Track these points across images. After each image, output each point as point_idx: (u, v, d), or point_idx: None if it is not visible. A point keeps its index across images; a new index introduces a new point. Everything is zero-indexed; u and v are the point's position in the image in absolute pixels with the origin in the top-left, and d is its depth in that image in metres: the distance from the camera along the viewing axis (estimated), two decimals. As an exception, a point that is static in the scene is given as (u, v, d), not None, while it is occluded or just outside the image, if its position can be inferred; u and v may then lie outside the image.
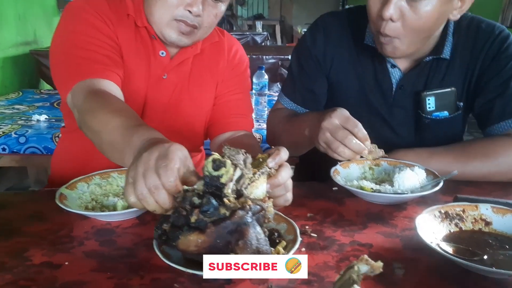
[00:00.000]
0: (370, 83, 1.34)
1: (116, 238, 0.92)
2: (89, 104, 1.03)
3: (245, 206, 0.75)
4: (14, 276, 0.78)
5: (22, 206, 1.05)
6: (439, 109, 1.29)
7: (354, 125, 1.06)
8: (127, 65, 1.22)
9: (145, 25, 1.22)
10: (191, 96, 1.32)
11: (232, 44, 1.41)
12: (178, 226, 0.74)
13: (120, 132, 0.90)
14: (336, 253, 0.86)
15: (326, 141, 1.08)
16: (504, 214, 0.92)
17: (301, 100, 1.42)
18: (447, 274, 0.80)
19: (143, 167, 0.74)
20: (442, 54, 1.25)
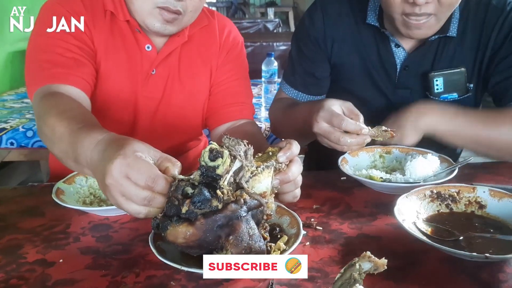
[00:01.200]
0: (374, 63, 1.28)
1: (113, 234, 0.89)
2: (39, 110, 1.00)
3: (239, 200, 0.70)
4: (6, 274, 0.76)
5: (19, 201, 1.03)
6: (448, 91, 1.22)
7: (339, 122, 0.98)
8: (107, 64, 1.16)
9: (128, 19, 1.16)
10: (183, 88, 1.26)
11: (224, 25, 1.33)
12: (169, 216, 0.70)
13: (67, 140, 0.85)
14: (342, 247, 0.82)
15: (329, 145, 1.03)
16: (501, 198, 0.88)
17: (302, 86, 1.36)
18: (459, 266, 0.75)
19: (120, 189, 0.68)
20: (449, 32, 1.19)
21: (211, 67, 1.29)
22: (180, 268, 0.69)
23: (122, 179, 0.67)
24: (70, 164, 0.87)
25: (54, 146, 0.91)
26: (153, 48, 1.20)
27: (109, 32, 1.17)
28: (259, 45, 3.43)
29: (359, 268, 0.53)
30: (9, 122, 2.18)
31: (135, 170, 0.67)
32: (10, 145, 2.09)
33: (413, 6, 1.05)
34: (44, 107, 0.98)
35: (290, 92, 1.38)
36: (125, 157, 0.68)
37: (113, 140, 0.75)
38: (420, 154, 1.07)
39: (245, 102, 1.31)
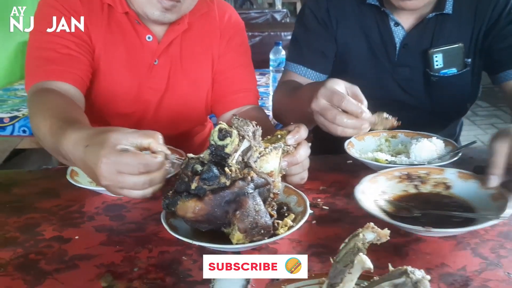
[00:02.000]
0: (376, 42, 1.30)
1: (126, 213, 0.92)
2: (29, 108, 1.04)
3: (247, 177, 0.73)
4: (25, 249, 0.79)
5: (34, 183, 1.06)
6: (447, 66, 1.25)
7: (339, 100, 0.92)
8: (107, 58, 1.18)
9: (126, 11, 1.16)
10: (186, 76, 1.27)
11: (224, 10, 1.33)
12: (180, 192, 0.73)
13: (50, 141, 0.87)
14: (348, 225, 0.84)
15: (322, 124, 0.97)
16: (467, 179, 0.91)
17: (310, 62, 1.35)
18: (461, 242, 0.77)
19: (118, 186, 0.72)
20: (445, 10, 1.22)
21: (213, 54, 1.30)
22: (191, 242, 0.72)
23: (115, 177, 0.70)
24: (61, 160, 0.92)
25: (43, 144, 0.94)
26: (154, 38, 1.21)
27: (108, 26, 1.18)
28: (267, 35, 3.43)
29: (362, 237, 0.55)
30: (21, 110, 2.22)
31: (123, 164, 0.70)
32: (22, 132, 2.14)
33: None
34: (32, 105, 1.03)
35: (297, 69, 1.35)
36: (108, 157, 0.69)
37: (88, 137, 0.75)
38: (425, 137, 1.09)
39: (249, 88, 1.32)
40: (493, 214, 0.79)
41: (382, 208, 0.85)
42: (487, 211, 0.82)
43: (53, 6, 1.13)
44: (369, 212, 0.80)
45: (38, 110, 0.97)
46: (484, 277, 0.69)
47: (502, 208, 0.79)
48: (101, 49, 1.18)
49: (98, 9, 1.17)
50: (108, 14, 1.18)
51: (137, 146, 0.73)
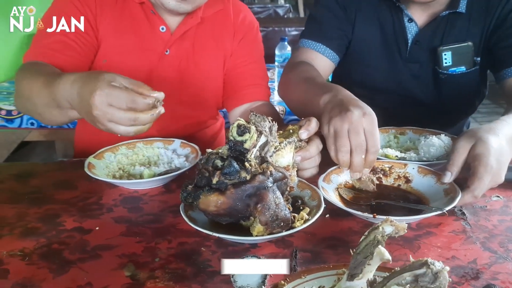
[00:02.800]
0: (390, 36, 1.32)
1: (143, 205, 0.94)
2: (16, 78, 1.11)
3: (266, 172, 0.75)
4: (48, 240, 0.81)
5: (51, 175, 1.08)
6: (456, 64, 1.27)
7: (374, 145, 0.89)
8: (117, 46, 1.22)
9: (143, 1, 1.21)
10: (197, 68, 1.30)
11: (239, 10, 1.36)
12: (200, 186, 0.76)
13: (45, 92, 0.96)
14: (360, 219, 0.86)
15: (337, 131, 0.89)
16: (426, 175, 0.96)
17: (327, 39, 1.32)
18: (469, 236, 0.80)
19: (106, 117, 0.81)
20: (458, 8, 1.24)
21: (225, 51, 1.33)
22: (211, 234, 0.75)
23: (106, 108, 0.80)
24: (54, 113, 1.00)
25: (34, 103, 1.03)
26: (167, 29, 1.25)
27: (120, 16, 1.22)
28: (271, 30, 3.45)
29: (382, 231, 0.58)
30: (30, 103, 2.23)
31: (115, 97, 0.80)
32: (30, 125, 2.16)
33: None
34: (20, 74, 1.10)
35: (314, 46, 1.33)
36: (102, 89, 0.80)
37: (85, 76, 0.87)
38: (433, 134, 1.11)
39: (260, 84, 1.35)
40: (441, 206, 0.83)
41: (342, 196, 0.93)
42: (437, 204, 0.87)
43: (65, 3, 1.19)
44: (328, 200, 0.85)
45: (27, 75, 1.06)
46: (494, 270, 0.71)
47: (450, 202, 0.84)
48: (111, 38, 1.22)
49: (111, 1, 1.21)
50: (123, 5, 1.22)
51: (130, 88, 0.83)
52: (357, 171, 0.91)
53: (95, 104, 0.80)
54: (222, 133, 1.59)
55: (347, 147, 0.88)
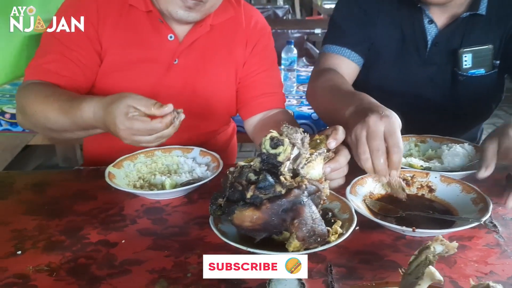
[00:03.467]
0: (409, 37, 1.31)
1: (167, 217, 0.92)
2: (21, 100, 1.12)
3: (301, 186, 0.74)
4: (73, 254, 0.79)
5: (68, 185, 1.06)
6: (476, 67, 1.26)
7: (395, 144, 0.86)
8: (123, 56, 1.19)
9: (150, 9, 1.17)
10: (207, 78, 1.26)
11: (251, 15, 1.32)
12: (233, 200, 0.74)
13: (64, 119, 1.02)
14: (390, 231, 0.85)
15: (357, 138, 0.89)
16: (449, 184, 0.95)
17: (351, 43, 1.31)
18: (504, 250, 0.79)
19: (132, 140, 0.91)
20: (479, 10, 1.22)
21: (237, 59, 1.29)
22: (246, 249, 0.73)
23: (132, 137, 0.90)
24: (78, 134, 1.07)
25: (50, 128, 1.08)
26: (175, 38, 1.21)
27: (125, 27, 1.18)
28: (274, 32, 3.42)
29: (433, 250, 0.56)
30: (33, 107, 2.20)
31: (135, 130, 0.89)
32: (35, 129, 2.12)
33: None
34: (25, 95, 1.10)
35: (341, 51, 1.32)
36: (123, 124, 0.88)
37: (103, 107, 0.93)
38: (455, 143, 1.11)
39: (275, 92, 1.33)
40: (472, 217, 0.83)
41: (369, 207, 0.91)
42: (467, 214, 0.86)
43: (67, 10, 1.17)
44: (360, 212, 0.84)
45: (39, 97, 1.07)
46: (534, 286, 0.70)
47: (482, 212, 0.83)
48: (116, 50, 1.19)
49: (116, 11, 1.18)
50: (128, 15, 1.19)
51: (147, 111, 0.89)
52: (383, 174, 0.89)
53: (123, 137, 0.91)
54: (234, 139, 1.57)
55: (367, 154, 0.87)
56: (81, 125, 1.01)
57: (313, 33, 3.52)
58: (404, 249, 0.80)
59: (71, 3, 1.19)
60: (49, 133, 1.16)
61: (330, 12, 7.06)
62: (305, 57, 3.34)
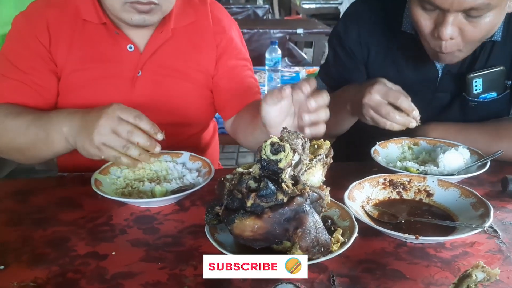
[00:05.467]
0: (411, 70, 1.25)
1: (159, 226, 0.88)
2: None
3: (304, 193, 0.71)
4: (61, 268, 0.75)
5: (53, 193, 1.01)
6: (487, 91, 1.21)
7: (396, 97, 1.00)
8: (84, 75, 1.14)
9: (104, 21, 1.11)
10: (176, 86, 1.20)
11: (218, 13, 1.27)
12: (233, 209, 0.71)
13: (35, 126, 1.01)
14: (392, 238, 0.83)
15: (372, 117, 1.04)
16: (447, 188, 0.94)
17: (336, 87, 1.29)
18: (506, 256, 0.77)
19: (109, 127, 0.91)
20: (494, 37, 1.17)
21: (207, 60, 1.24)
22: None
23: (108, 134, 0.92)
24: (39, 147, 1.04)
25: (17, 143, 1.05)
26: (135, 48, 1.15)
27: (81, 43, 1.13)
28: (256, 32, 3.40)
29: (475, 278, 0.54)
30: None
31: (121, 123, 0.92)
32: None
33: (439, 40, 1.03)
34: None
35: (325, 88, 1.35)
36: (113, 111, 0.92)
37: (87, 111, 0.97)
38: (450, 146, 1.09)
39: (250, 87, 1.28)
40: (473, 223, 0.81)
41: (368, 214, 0.89)
42: (468, 220, 0.84)
43: (20, 29, 1.13)
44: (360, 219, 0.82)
45: (8, 115, 1.05)
46: (542, 293, 0.69)
47: (483, 217, 0.82)
48: (73, 68, 1.13)
49: (69, 28, 1.13)
50: (82, 31, 1.13)
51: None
52: (408, 123, 1.01)
53: (101, 125, 0.91)
54: (215, 138, 1.52)
55: (384, 120, 1.02)
56: (49, 129, 1.00)
57: (295, 33, 3.50)
58: (407, 257, 0.78)
59: (21, 24, 1.14)
60: (15, 152, 1.10)
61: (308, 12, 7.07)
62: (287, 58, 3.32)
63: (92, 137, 0.91)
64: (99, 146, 0.92)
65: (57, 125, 0.99)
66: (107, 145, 0.92)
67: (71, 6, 1.13)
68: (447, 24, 0.99)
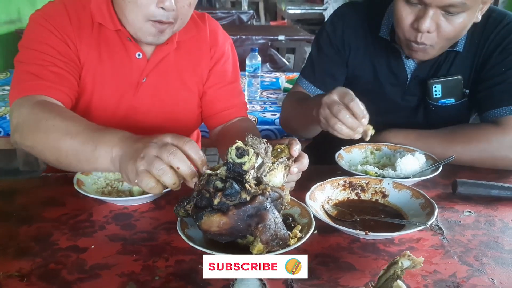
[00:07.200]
0: (384, 73, 1.39)
1: (135, 222, 0.95)
2: (37, 115, 1.01)
3: (265, 192, 0.79)
4: (44, 259, 0.82)
5: (36, 192, 1.08)
6: (446, 96, 1.34)
7: (350, 99, 1.05)
8: (96, 75, 1.20)
9: (118, 28, 1.18)
10: (173, 95, 1.30)
11: (215, 30, 1.37)
12: (201, 207, 0.79)
13: (86, 136, 0.93)
14: (347, 235, 0.92)
15: (325, 117, 1.09)
16: (401, 190, 1.03)
17: (320, 83, 1.45)
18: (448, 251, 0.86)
19: (155, 152, 0.80)
20: (456, 47, 1.30)
21: (202, 73, 1.34)
22: (211, 253, 0.77)
23: (151, 158, 0.80)
24: (78, 158, 0.93)
25: (60, 145, 0.95)
26: (143, 55, 1.23)
27: (97, 44, 1.20)
28: (239, 38, 3.49)
29: (401, 265, 0.63)
30: (-4, 111, 2.17)
31: (167, 150, 0.80)
32: (-4, 133, 2.09)
33: (416, 32, 1.16)
34: (46, 113, 1.01)
35: (308, 87, 1.46)
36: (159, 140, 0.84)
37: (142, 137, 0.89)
38: (408, 152, 1.19)
39: (237, 103, 1.39)
40: (420, 221, 0.91)
41: (327, 212, 0.97)
42: (416, 218, 0.94)
43: (42, 25, 1.15)
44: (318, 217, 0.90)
45: (61, 116, 0.99)
46: (472, 283, 0.78)
47: (429, 216, 0.91)
48: (89, 67, 1.20)
49: (87, 27, 1.19)
50: (98, 33, 1.20)
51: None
52: (356, 127, 1.05)
53: (148, 149, 0.81)
54: (199, 142, 1.61)
55: (334, 120, 1.05)
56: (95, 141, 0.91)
57: (277, 39, 3.60)
58: (359, 251, 0.87)
59: (43, 22, 1.15)
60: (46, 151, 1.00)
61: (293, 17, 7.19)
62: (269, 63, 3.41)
63: (136, 161, 0.81)
64: (139, 172, 0.81)
65: (108, 143, 0.89)
66: (148, 170, 0.80)
67: (87, 9, 1.19)
68: (427, 17, 1.12)
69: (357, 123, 1.05)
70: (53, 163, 1.00)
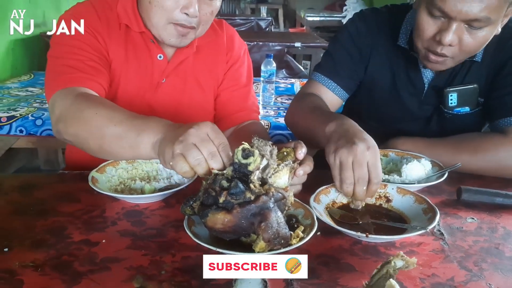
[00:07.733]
0: (403, 82, 1.39)
1: (146, 219, 0.99)
2: (81, 104, 1.05)
3: (269, 193, 0.82)
4: (57, 251, 0.86)
5: (54, 188, 1.12)
6: (461, 105, 1.34)
7: (377, 176, 0.97)
8: (121, 73, 1.26)
9: (142, 30, 1.24)
10: (190, 97, 1.35)
11: (232, 36, 1.42)
12: (207, 205, 0.82)
13: (130, 123, 0.98)
14: (349, 237, 0.94)
15: (343, 163, 0.97)
16: (404, 195, 1.04)
17: (339, 77, 1.41)
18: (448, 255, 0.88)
19: (195, 140, 0.84)
20: (475, 58, 1.30)
21: (217, 77, 1.39)
22: (216, 250, 0.81)
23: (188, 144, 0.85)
24: (121, 144, 0.98)
25: (104, 132, 0.99)
26: (164, 57, 1.29)
27: (124, 43, 1.26)
28: (256, 44, 3.53)
29: (393, 265, 0.65)
30: (18, 110, 2.25)
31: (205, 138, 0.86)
32: (19, 132, 2.17)
33: (438, 44, 1.16)
34: (90, 102, 1.06)
35: (325, 81, 1.41)
36: (200, 127, 0.87)
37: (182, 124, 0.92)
38: (414, 158, 1.21)
39: (249, 107, 1.43)
40: (421, 225, 0.92)
41: (331, 215, 0.99)
42: (418, 223, 0.95)
43: (74, 22, 1.20)
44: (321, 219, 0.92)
45: (105, 105, 1.05)
46: (470, 287, 0.80)
47: (430, 221, 0.92)
48: (117, 64, 1.26)
49: (115, 27, 1.25)
50: (125, 33, 1.26)
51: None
52: (359, 199, 1.01)
53: (187, 134, 0.85)
54: None
55: (351, 179, 0.96)
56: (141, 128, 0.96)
57: (294, 46, 3.63)
58: (360, 253, 0.89)
59: (74, 14, 1.21)
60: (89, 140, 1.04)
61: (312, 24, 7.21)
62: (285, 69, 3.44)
63: (174, 144, 0.85)
64: (175, 154, 0.85)
65: (151, 130, 0.94)
66: (184, 155, 0.84)
67: (114, 11, 1.25)
68: (450, 31, 1.12)
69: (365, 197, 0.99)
70: (95, 151, 1.04)
